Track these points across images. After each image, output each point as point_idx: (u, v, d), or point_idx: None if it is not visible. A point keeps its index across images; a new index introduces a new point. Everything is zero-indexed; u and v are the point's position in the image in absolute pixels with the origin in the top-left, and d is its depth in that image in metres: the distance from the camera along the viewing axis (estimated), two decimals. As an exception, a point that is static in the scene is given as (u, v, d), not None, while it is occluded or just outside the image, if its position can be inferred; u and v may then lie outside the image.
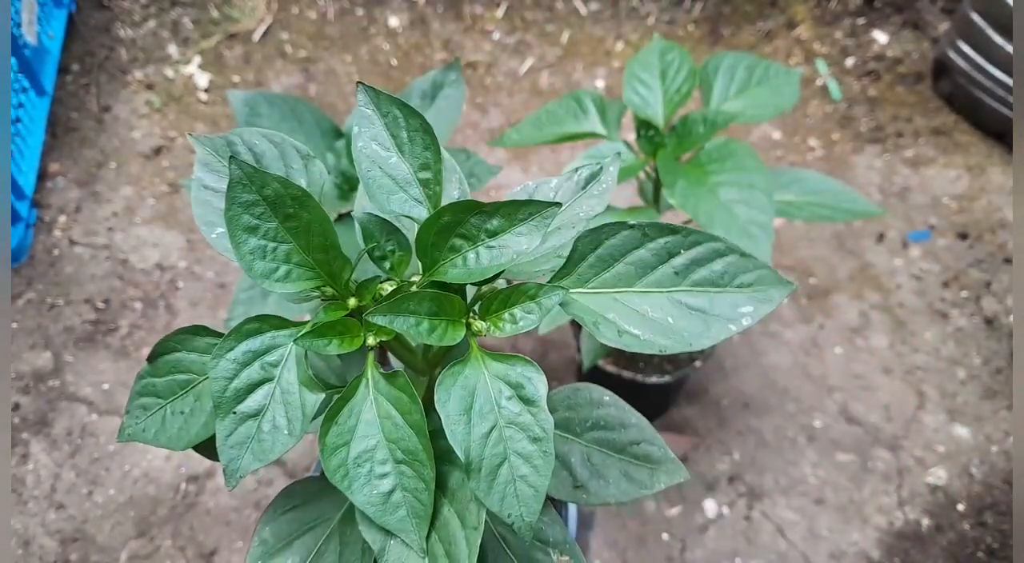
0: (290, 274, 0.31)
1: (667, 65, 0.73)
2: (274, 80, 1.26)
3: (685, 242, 0.29)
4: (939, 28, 1.37)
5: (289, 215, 0.30)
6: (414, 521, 0.29)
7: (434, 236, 0.31)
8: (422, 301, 0.30)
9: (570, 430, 0.39)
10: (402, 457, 0.30)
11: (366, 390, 0.31)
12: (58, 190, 1.12)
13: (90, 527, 0.88)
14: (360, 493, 0.29)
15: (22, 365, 0.98)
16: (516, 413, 0.28)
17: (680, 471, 0.37)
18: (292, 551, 0.36)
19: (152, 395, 0.37)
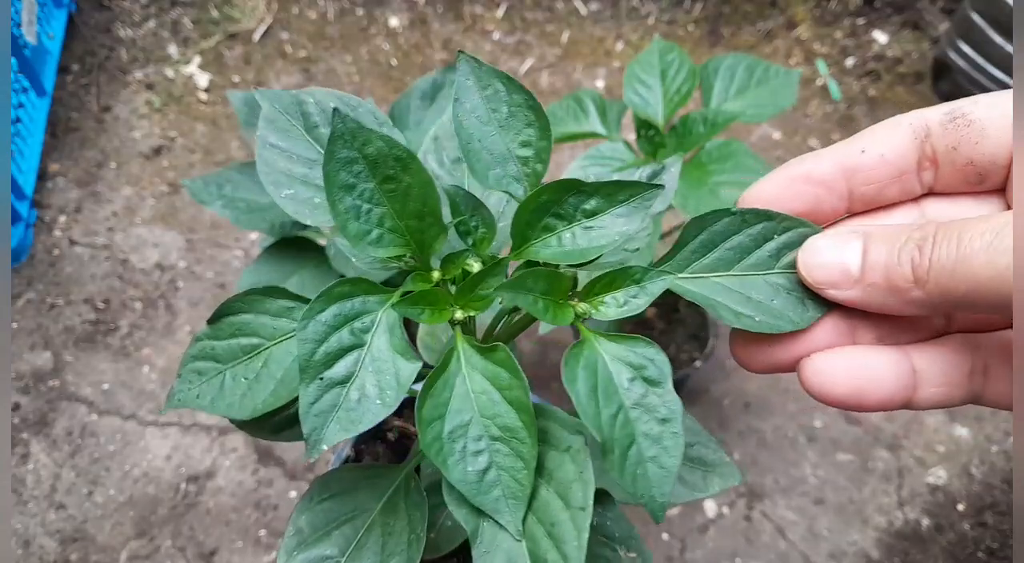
0: (382, 239, 0.30)
1: (667, 65, 0.73)
2: (274, 80, 1.26)
3: (778, 228, 0.29)
4: (939, 28, 1.37)
5: (388, 177, 0.30)
6: (510, 502, 0.28)
7: (529, 214, 0.30)
8: (538, 280, 0.29)
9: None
10: (498, 434, 0.29)
11: (458, 363, 0.30)
12: (58, 190, 1.12)
13: (90, 527, 0.88)
14: (455, 470, 0.28)
15: (22, 365, 0.98)
16: (641, 394, 0.28)
17: (734, 474, 0.36)
18: (330, 542, 0.35)
19: (210, 359, 0.35)
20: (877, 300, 0.27)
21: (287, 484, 0.92)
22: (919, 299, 0.26)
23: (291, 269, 0.70)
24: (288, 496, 0.91)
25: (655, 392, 0.28)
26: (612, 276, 0.31)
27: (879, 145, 0.29)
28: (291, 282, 0.70)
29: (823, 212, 0.30)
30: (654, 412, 0.28)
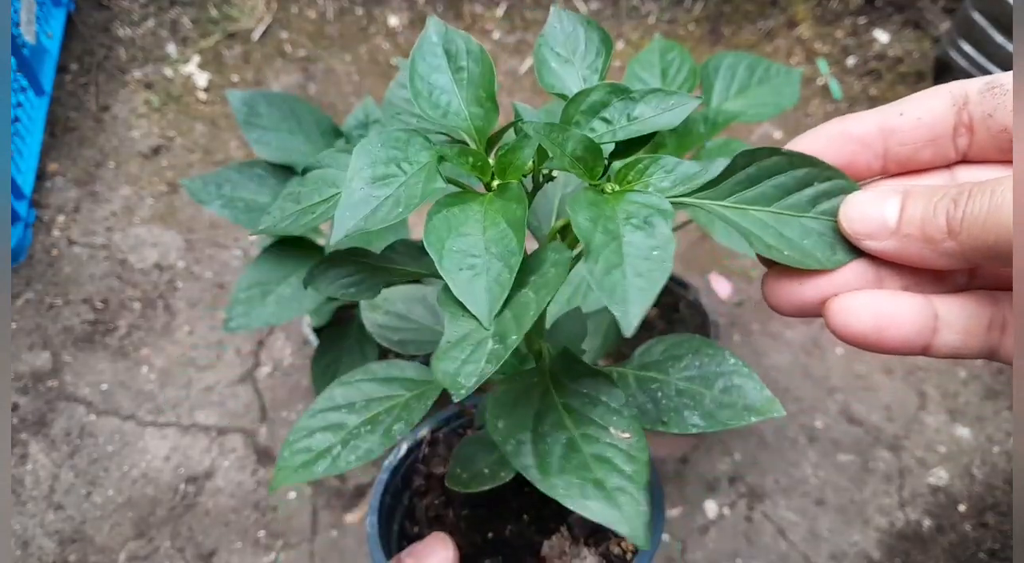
0: (446, 115, 0.36)
1: (668, 64, 0.72)
2: (273, 79, 1.26)
3: (820, 175, 0.31)
4: (940, 27, 1.37)
5: (460, 67, 0.36)
6: (488, 298, 0.31)
7: (579, 114, 0.34)
8: (569, 139, 0.32)
9: (662, 371, 0.40)
10: (495, 251, 0.32)
11: (482, 200, 0.33)
12: (57, 190, 1.12)
13: (89, 528, 0.88)
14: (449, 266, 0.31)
15: (21, 365, 0.98)
16: (639, 228, 0.29)
17: (774, 406, 0.36)
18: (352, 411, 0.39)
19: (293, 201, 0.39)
20: (912, 251, 0.29)
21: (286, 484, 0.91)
22: (951, 250, 0.27)
23: (291, 269, 0.70)
24: (287, 497, 0.91)
25: (651, 230, 0.29)
26: (645, 162, 0.32)
27: (917, 109, 0.30)
28: (290, 282, 0.70)
29: (859, 168, 0.32)
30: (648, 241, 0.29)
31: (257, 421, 0.96)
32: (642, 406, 0.38)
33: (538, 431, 0.34)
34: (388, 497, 0.46)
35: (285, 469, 0.38)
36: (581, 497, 0.31)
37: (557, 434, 0.34)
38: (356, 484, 0.91)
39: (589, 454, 0.33)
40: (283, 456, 0.38)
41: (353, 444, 0.38)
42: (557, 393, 0.37)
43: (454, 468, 0.42)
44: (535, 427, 0.34)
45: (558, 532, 0.40)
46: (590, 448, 0.33)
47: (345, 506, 0.90)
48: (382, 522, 0.45)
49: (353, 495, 0.91)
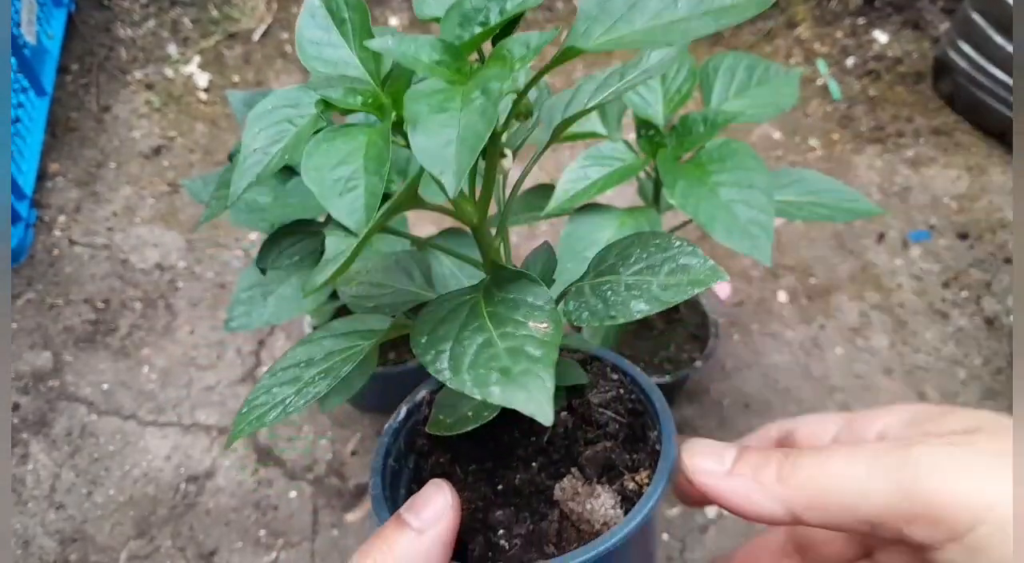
0: (337, 65, 0.37)
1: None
2: (274, 80, 1.26)
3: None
4: (939, 28, 1.37)
5: (343, 20, 0.37)
6: (364, 210, 0.31)
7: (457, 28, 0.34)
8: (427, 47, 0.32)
9: (613, 272, 0.40)
10: (372, 168, 0.32)
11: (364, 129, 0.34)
12: (58, 190, 1.12)
13: (90, 527, 0.88)
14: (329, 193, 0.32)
15: (22, 365, 0.98)
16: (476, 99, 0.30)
17: (718, 273, 0.36)
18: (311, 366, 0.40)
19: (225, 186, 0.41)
20: (741, 492, 0.32)
21: (287, 484, 0.91)
22: (780, 495, 0.31)
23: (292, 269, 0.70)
24: (288, 496, 0.91)
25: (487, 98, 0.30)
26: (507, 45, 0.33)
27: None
28: (291, 282, 0.70)
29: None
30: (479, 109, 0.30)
31: (258, 421, 0.96)
32: (592, 307, 0.39)
33: (459, 339, 0.35)
34: (391, 461, 0.46)
35: (240, 423, 0.39)
36: (486, 386, 0.31)
37: (475, 337, 0.35)
38: (357, 484, 0.92)
39: (503, 348, 0.33)
40: (241, 412, 0.39)
41: (304, 390, 0.39)
42: (486, 303, 0.37)
43: (436, 415, 0.43)
44: (457, 337, 0.35)
45: (569, 474, 0.40)
46: (505, 343, 0.34)
47: (346, 505, 0.90)
48: (385, 485, 0.45)
49: (354, 494, 0.91)
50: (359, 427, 0.96)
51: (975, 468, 0.28)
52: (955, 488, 0.28)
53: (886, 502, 0.29)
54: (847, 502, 0.30)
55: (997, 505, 0.27)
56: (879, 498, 0.29)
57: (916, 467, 0.28)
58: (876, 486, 0.29)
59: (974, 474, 0.28)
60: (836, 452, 0.31)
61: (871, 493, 0.29)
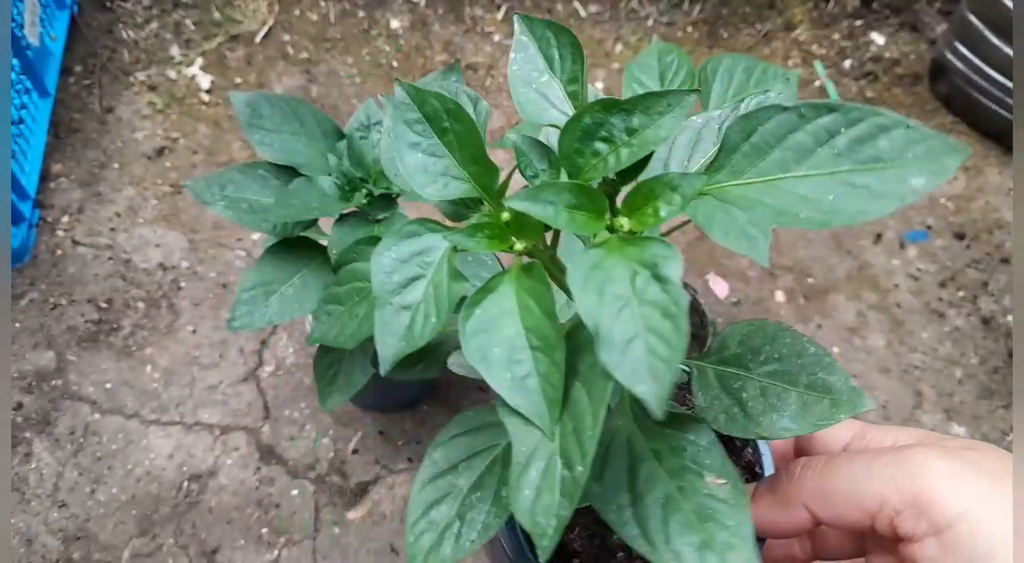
0: (447, 186, 0.34)
1: (666, 67, 0.73)
2: (276, 81, 1.27)
3: (845, 120, 0.28)
4: (936, 30, 1.38)
5: (445, 129, 0.33)
6: (546, 404, 0.30)
7: (576, 142, 0.31)
8: (561, 192, 0.30)
9: (742, 366, 0.37)
10: (537, 344, 0.30)
11: (510, 283, 0.32)
12: (61, 190, 1.13)
13: (92, 525, 0.89)
14: (496, 375, 0.30)
15: (25, 364, 0.98)
16: (649, 291, 0.27)
17: (864, 400, 0.35)
18: (458, 473, 0.38)
19: (336, 303, 0.40)
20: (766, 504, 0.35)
21: (289, 482, 0.92)
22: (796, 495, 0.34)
23: (294, 269, 0.71)
24: (290, 494, 0.91)
25: (664, 288, 0.27)
26: (649, 186, 0.30)
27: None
28: (293, 282, 0.71)
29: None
30: (661, 307, 0.27)
31: (260, 419, 0.96)
32: (728, 410, 0.36)
33: (635, 491, 0.33)
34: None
35: (416, 556, 0.36)
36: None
37: (654, 492, 0.32)
38: (358, 482, 0.92)
39: (690, 511, 0.31)
40: (409, 541, 0.37)
41: (470, 517, 0.37)
42: (645, 437, 0.34)
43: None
44: (630, 486, 0.33)
45: None
46: (688, 502, 0.32)
47: (347, 504, 0.91)
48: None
49: (355, 493, 0.92)
50: (361, 426, 0.96)
51: (962, 475, 0.31)
52: (940, 487, 0.30)
53: (882, 492, 0.31)
54: (849, 494, 0.32)
55: (974, 510, 0.30)
56: (876, 488, 0.32)
57: (910, 464, 0.31)
58: (875, 478, 0.32)
59: (959, 479, 0.31)
60: (843, 454, 0.35)
61: (871, 484, 0.32)
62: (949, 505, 0.30)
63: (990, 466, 0.32)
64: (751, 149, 0.30)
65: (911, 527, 0.30)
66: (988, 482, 0.30)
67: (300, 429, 0.96)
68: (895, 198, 0.28)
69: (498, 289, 0.32)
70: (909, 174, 0.28)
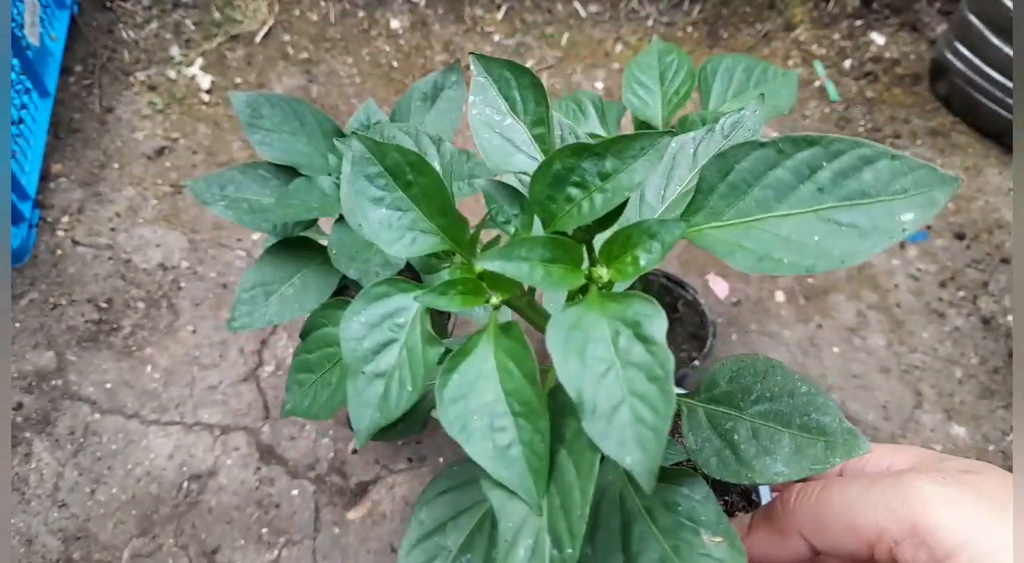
0: (415, 241, 0.32)
1: (666, 67, 0.73)
2: (276, 81, 1.27)
3: (827, 153, 0.26)
4: (936, 30, 1.38)
5: (409, 182, 0.31)
6: (531, 476, 0.28)
7: (548, 189, 0.30)
8: (534, 247, 0.28)
9: (733, 405, 0.36)
10: (519, 410, 0.29)
11: (487, 343, 0.30)
12: (61, 190, 1.13)
13: (92, 525, 0.89)
14: (477, 446, 0.28)
15: (25, 364, 0.98)
16: (633, 352, 0.26)
17: (860, 442, 0.33)
18: (446, 533, 0.36)
19: (307, 371, 0.38)
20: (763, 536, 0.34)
21: (289, 482, 0.92)
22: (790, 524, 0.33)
23: (293, 269, 0.71)
24: (290, 494, 0.91)
25: (648, 349, 0.26)
26: (627, 233, 0.29)
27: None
28: (293, 282, 0.71)
29: None
30: (646, 370, 0.25)
31: (260, 420, 0.96)
32: (720, 454, 0.34)
33: (629, 552, 0.31)
34: None
35: None
36: None
37: (647, 553, 0.31)
38: (358, 482, 0.92)
39: None
40: None
41: None
42: (637, 493, 0.33)
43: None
44: (624, 546, 0.31)
45: None
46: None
47: (347, 504, 0.91)
48: None
49: (355, 493, 0.92)
50: (360, 426, 0.96)
51: (962, 501, 0.29)
52: (940, 515, 0.29)
53: (877, 521, 0.30)
54: (847, 523, 0.31)
55: (975, 538, 0.28)
56: (872, 517, 0.30)
57: (907, 492, 0.30)
58: (871, 507, 0.30)
59: (960, 506, 0.29)
60: (838, 481, 0.33)
61: (867, 513, 0.30)
62: (949, 534, 0.28)
63: (991, 490, 0.30)
64: (728, 189, 0.28)
65: (911, 557, 0.29)
66: (988, 507, 0.29)
67: (300, 429, 0.96)
68: (884, 236, 0.26)
69: (475, 351, 0.30)
70: (897, 208, 0.26)
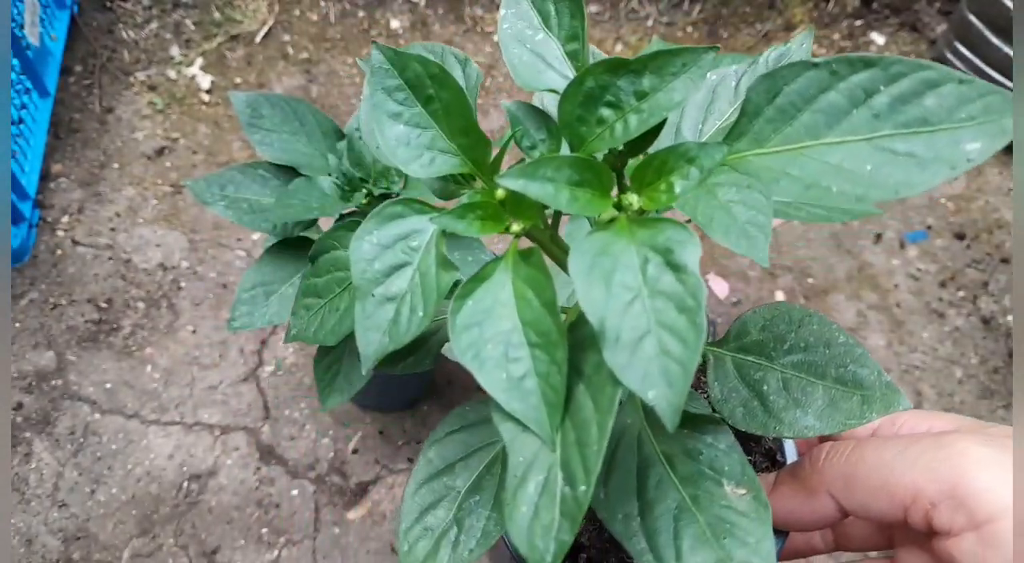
0: (434, 161, 0.30)
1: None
2: (276, 81, 1.27)
3: (885, 76, 0.24)
4: (936, 30, 1.38)
5: (430, 97, 0.29)
6: (545, 409, 0.26)
7: (579, 108, 0.28)
8: (561, 167, 0.26)
9: (764, 355, 0.33)
10: (536, 340, 0.27)
11: (505, 271, 0.28)
12: (61, 191, 1.13)
13: (92, 525, 0.89)
14: (490, 375, 0.27)
15: (25, 364, 0.98)
16: (662, 281, 0.24)
17: (899, 398, 0.31)
18: (455, 473, 0.35)
19: (314, 295, 0.36)
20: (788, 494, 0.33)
21: (289, 482, 0.92)
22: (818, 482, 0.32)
23: (293, 269, 0.71)
24: (290, 494, 0.91)
25: (679, 278, 0.24)
26: (662, 157, 0.27)
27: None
28: (293, 282, 0.71)
29: None
30: (676, 300, 0.24)
31: (260, 419, 0.97)
32: (747, 405, 0.33)
33: (645, 498, 0.30)
34: None
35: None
36: None
37: (665, 501, 0.29)
38: (358, 482, 0.92)
39: (705, 524, 0.28)
40: (403, 549, 0.33)
41: (468, 523, 0.33)
42: (656, 438, 0.31)
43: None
44: (640, 492, 0.30)
45: None
46: (705, 515, 0.29)
47: (347, 504, 0.91)
48: None
49: (355, 493, 0.92)
50: (360, 425, 0.96)
51: (1006, 465, 0.27)
52: (984, 477, 0.27)
53: (915, 481, 0.28)
54: (880, 482, 0.29)
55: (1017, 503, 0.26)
56: (910, 477, 0.28)
57: (950, 452, 0.28)
58: (908, 466, 0.29)
59: (1003, 469, 0.27)
60: (873, 439, 0.31)
61: (904, 472, 0.28)
62: (991, 497, 0.26)
63: None
64: (776, 113, 0.26)
65: (947, 520, 0.27)
66: None
67: (300, 429, 0.96)
68: (945, 166, 0.24)
69: (492, 277, 0.28)
70: (962, 137, 0.24)
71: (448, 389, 0.99)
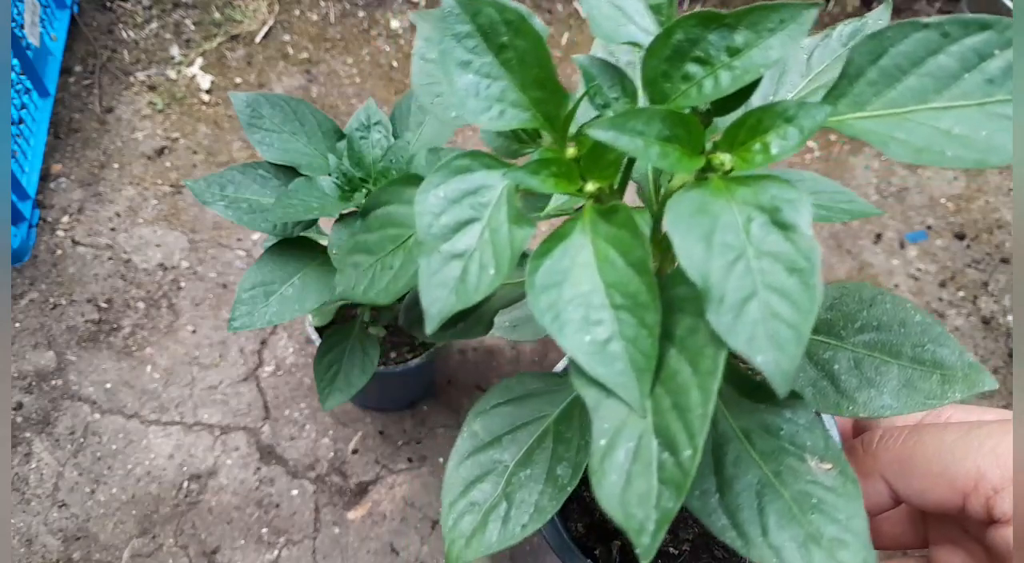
0: (503, 114, 0.28)
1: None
2: (276, 81, 1.27)
3: (1001, 40, 0.23)
4: (937, 30, 1.38)
5: (503, 45, 0.28)
6: (634, 374, 0.25)
7: (664, 63, 0.26)
8: (652, 121, 0.24)
9: (832, 334, 0.32)
10: (621, 302, 0.25)
11: (583, 230, 0.27)
12: (61, 190, 1.13)
13: (92, 525, 0.89)
14: (571, 339, 0.25)
15: (25, 364, 0.99)
16: (769, 240, 0.23)
17: (985, 377, 0.30)
18: (502, 446, 0.33)
19: (364, 252, 0.35)
20: None
21: (289, 482, 0.92)
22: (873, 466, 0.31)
23: (294, 269, 0.71)
24: (290, 494, 0.91)
25: (789, 238, 0.23)
26: (757, 116, 0.26)
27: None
28: (293, 282, 0.71)
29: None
30: (785, 261, 0.22)
31: (260, 419, 0.97)
32: (816, 384, 0.31)
33: (723, 475, 0.28)
34: None
35: (456, 542, 0.31)
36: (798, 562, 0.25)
37: (746, 477, 0.28)
38: (358, 482, 0.92)
39: (790, 500, 0.27)
40: (447, 524, 0.31)
41: (519, 498, 0.32)
42: (730, 414, 0.30)
43: None
44: (717, 468, 0.29)
45: None
46: (787, 490, 0.27)
47: (347, 504, 0.91)
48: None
49: (355, 492, 0.92)
50: (361, 425, 0.96)
51: None
52: None
53: (978, 466, 0.27)
54: (938, 467, 0.28)
55: None
56: (971, 462, 0.27)
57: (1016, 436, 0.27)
58: (972, 450, 0.27)
59: None
60: (928, 425, 0.30)
61: (967, 456, 0.27)
62: None
63: None
64: (879, 75, 0.25)
65: (1010, 509, 0.26)
66: None
67: (300, 429, 0.96)
68: None
69: (571, 236, 0.27)
70: None
71: (448, 389, 0.99)
